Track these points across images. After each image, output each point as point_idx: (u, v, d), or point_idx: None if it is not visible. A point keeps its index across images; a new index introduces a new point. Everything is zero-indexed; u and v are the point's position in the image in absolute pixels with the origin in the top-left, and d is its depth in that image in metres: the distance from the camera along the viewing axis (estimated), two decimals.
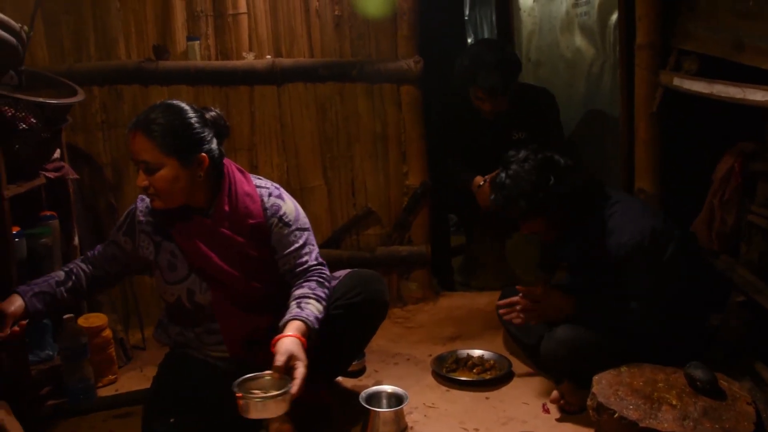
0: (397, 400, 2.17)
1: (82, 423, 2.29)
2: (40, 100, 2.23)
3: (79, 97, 2.51)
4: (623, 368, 2.11)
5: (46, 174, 2.37)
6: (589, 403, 2.02)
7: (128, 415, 2.31)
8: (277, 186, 2.16)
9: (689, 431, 1.82)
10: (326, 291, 2.04)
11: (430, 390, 2.48)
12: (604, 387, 2.02)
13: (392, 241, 3.20)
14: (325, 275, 2.08)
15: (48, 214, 2.46)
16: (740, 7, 2.08)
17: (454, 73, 3.08)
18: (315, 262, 2.09)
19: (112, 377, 2.59)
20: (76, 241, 2.60)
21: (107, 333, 2.56)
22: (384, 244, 3.20)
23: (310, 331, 1.87)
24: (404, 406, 2.14)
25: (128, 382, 2.57)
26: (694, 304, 2.25)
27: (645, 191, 2.68)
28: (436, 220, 3.31)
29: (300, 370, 1.74)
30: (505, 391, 2.45)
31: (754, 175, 2.19)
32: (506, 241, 3.49)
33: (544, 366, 2.48)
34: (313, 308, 1.93)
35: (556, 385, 2.35)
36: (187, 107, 1.97)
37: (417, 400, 2.36)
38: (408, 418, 2.21)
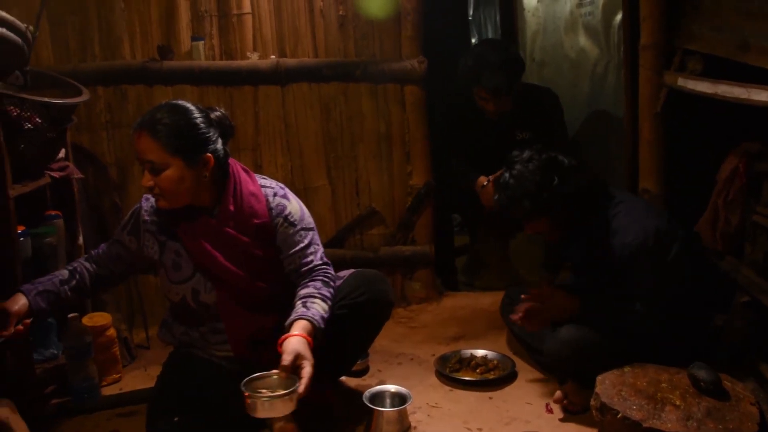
0: (400, 399, 2.18)
1: (86, 422, 2.30)
2: (46, 99, 2.24)
3: (84, 97, 2.51)
4: (627, 368, 2.11)
5: (51, 173, 2.38)
6: (593, 403, 2.02)
7: (132, 414, 2.32)
8: (282, 186, 2.16)
9: None
10: (331, 290, 2.05)
11: (434, 390, 2.48)
12: (607, 387, 2.02)
13: (396, 240, 3.20)
14: (330, 275, 2.08)
15: (53, 213, 2.47)
16: (745, 6, 2.07)
17: (458, 73, 3.08)
18: (320, 262, 2.09)
19: (116, 376, 2.60)
20: (81, 240, 2.61)
21: (111, 332, 2.57)
22: (388, 243, 3.20)
23: (316, 331, 1.87)
24: (408, 406, 2.14)
25: (132, 381, 2.58)
26: (698, 305, 2.25)
27: (649, 191, 2.67)
28: (440, 220, 3.31)
29: (307, 370, 1.75)
30: (508, 391, 2.45)
31: (758, 175, 2.18)
32: (510, 241, 3.50)
33: (548, 366, 2.48)
34: (318, 308, 1.93)
35: (560, 385, 2.35)
36: (192, 107, 1.97)
37: (420, 400, 2.36)
38: (411, 418, 2.22)
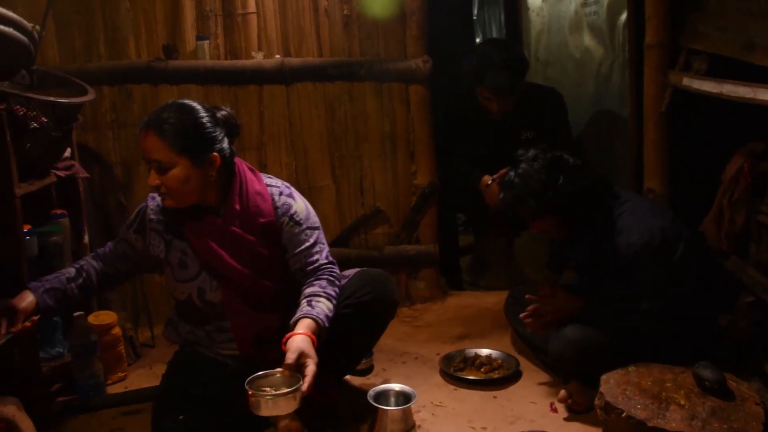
0: (405, 398, 2.17)
1: (92, 420, 2.31)
2: (52, 99, 2.25)
3: (90, 96, 2.52)
4: (631, 368, 2.11)
5: (57, 173, 2.39)
6: (597, 402, 2.02)
7: (137, 412, 2.32)
8: (288, 185, 2.17)
9: (697, 431, 1.82)
10: (336, 289, 2.05)
11: (438, 389, 2.48)
12: (612, 386, 2.02)
13: (400, 240, 3.20)
14: (335, 274, 2.09)
15: (58, 212, 2.48)
16: (750, 6, 2.07)
17: (462, 72, 3.08)
18: (325, 261, 2.10)
19: (122, 375, 2.60)
20: (86, 239, 2.62)
21: (117, 331, 2.58)
22: (392, 243, 3.20)
23: (321, 330, 1.88)
24: (412, 405, 2.14)
25: (137, 380, 2.59)
26: (703, 304, 2.24)
27: (654, 191, 2.67)
28: (445, 220, 3.31)
29: (310, 368, 1.75)
30: (512, 390, 2.45)
31: (763, 175, 2.18)
32: (514, 240, 3.49)
33: (552, 365, 2.47)
34: (323, 306, 1.94)
35: (564, 384, 2.34)
36: (198, 107, 1.98)
37: (425, 399, 2.37)
38: (416, 417, 2.21)
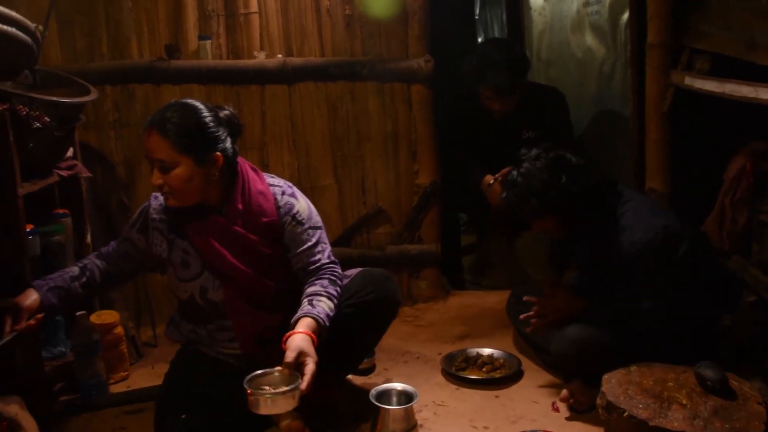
0: (407, 397, 2.18)
1: (94, 419, 2.31)
2: (54, 99, 2.25)
3: (92, 96, 2.52)
4: (633, 367, 2.11)
5: (60, 172, 2.39)
6: (599, 401, 2.02)
7: (140, 411, 2.33)
8: (290, 184, 2.17)
9: (699, 430, 1.82)
10: (338, 289, 2.05)
11: (440, 388, 2.48)
12: (613, 386, 2.02)
13: (402, 239, 3.20)
14: (337, 273, 2.09)
15: (61, 211, 2.48)
16: (753, 5, 2.07)
17: (463, 72, 3.08)
18: (327, 260, 2.10)
19: (124, 374, 2.61)
20: (89, 238, 2.62)
21: (119, 330, 2.58)
22: (394, 242, 3.20)
23: (321, 329, 1.88)
24: (414, 404, 2.14)
25: (140, 379, 2.59)
26: (705, 304, 2.24)
27: (656, 191, 2.67)
28: (447, 219, 3.31)
29: (310, 367, 1.76)
30: (514, 389, 2.45)
31: (766, 174, 2.18)
32: (517, 240, 3.49)
33: (554, 365, 2.47)
34: (324, 306, 1.94)
35: (566, 383, 2.34)
36: (201, 106, 1.98)
37: (427, 398, 2.37)
38: (418, 416, 2.22)
